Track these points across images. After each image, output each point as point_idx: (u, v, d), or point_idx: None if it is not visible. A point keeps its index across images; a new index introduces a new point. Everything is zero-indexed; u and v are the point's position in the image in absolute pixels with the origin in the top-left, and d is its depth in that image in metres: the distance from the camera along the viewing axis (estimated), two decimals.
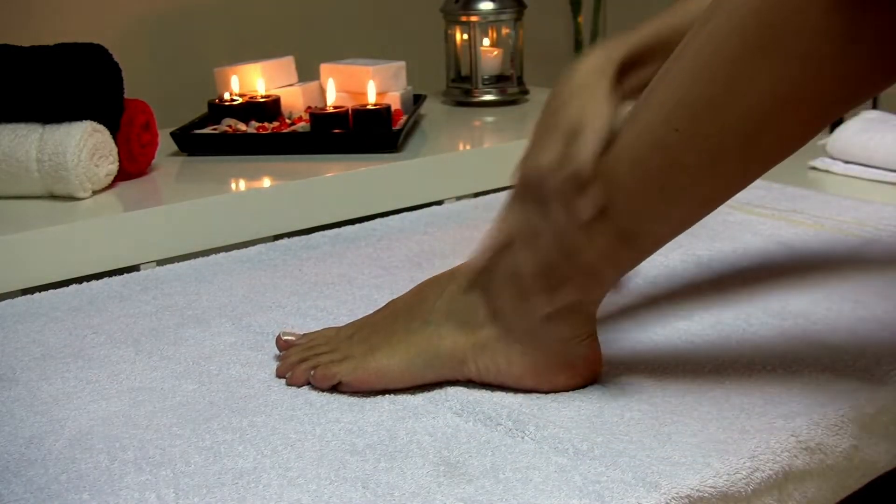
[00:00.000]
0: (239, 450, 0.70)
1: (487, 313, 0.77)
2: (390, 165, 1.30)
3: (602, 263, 0.73)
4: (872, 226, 1.12)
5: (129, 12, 1.61)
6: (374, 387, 0.77)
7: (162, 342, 0.89)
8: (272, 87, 1.49)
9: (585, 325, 0.77)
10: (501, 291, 0.77)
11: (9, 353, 0.88)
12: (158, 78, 1.61)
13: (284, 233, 1.22)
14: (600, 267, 0.74)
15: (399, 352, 0.77)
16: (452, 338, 0.77)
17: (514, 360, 0.76)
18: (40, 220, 1.10)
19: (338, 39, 1.83)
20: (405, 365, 0.77)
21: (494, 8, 1.67)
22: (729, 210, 1.20)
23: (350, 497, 0.64)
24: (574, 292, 0.75)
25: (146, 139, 1.27)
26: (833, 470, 0.72)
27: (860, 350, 0.82)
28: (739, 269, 1.02)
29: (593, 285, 0.75)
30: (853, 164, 1.35)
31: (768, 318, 0.90)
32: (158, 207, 1.15)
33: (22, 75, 1.19)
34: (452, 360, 0.77)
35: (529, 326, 0.76)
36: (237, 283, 1.04)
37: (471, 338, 0.77)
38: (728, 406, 0.74)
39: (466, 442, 0.70)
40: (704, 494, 0.64)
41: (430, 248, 1.13)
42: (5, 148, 1.17)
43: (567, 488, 0.64)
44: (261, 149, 1.36)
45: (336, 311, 0.95)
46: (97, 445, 0.71)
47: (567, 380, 0.77)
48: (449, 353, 0.77)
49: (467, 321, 0.77)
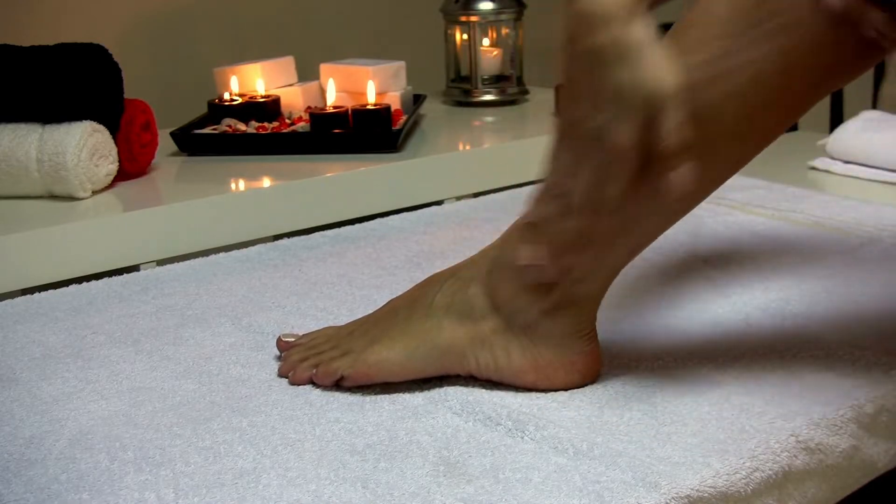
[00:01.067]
0: (239, 450, 0.70)
1: (487, 307, 0.77)
2: (390, 165, 1.30)
3: (627, 223, 0.73)
4: (872, 226, 1.12)
5: (129, 12, 1.61)
6: (374, 379, 0.77)
7: (162, 342, 0.89)
8: (272, 87, 1.49)
9: (586, 322, 0.77)
10: (502, 285, 0.77)
11: (9, 353, 0.88)
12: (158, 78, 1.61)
13: (284, 233, 1.22)
14: (623, 227, 0.73)
15: (399, 344, 0.77)
16: (452, 331, 0.77)
17: (514, 354, 0.76)
18: (40, 220, 1.10)
19: (338, 39, 1.83)
20: (405, 357, 0.77)
21: (494, 8, 1.67)
22: (729, 210, 1.20)
23: (350, 497, 0.64)
24: (582, 272, 0.74)
25: (146, 139, 1.27)
26: (833, 470, 0.72)
27: (860, 350, 0.82)
28: (739, 269, 1.02)
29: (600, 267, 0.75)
30: (853, 164, 1.35)
31: (768, 317, 0.90)
32: (158, 207, 1.15)
33: (22, 75, 1.19)
34: (452, 353, 0.77)
35: (529, 320, 0.76)
36: (237, 283, 1.04)
37: (470, 331, 0.77)
38: (728, 406, 0.74)
39: (466, 442, 0.70)
40: (704, 494, 0.64)
41: (430, 248, 1.13)
42: (5, 148, 1.17)
43: (567, 488, 0.64)
44: (261, 149, 1.36)
45: (336, 311, 0.95)
46: (97, 445, 0.71)
47: (566, 376, 0.77)
48: (448, 346, 0.77)
49: (467, 315, 0.77)
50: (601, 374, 0.79)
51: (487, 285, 0.77)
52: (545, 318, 0.76)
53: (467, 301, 0.78)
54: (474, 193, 1.37)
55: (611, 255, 0.75)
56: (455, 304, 0.78)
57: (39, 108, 1.18)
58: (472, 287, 0.78)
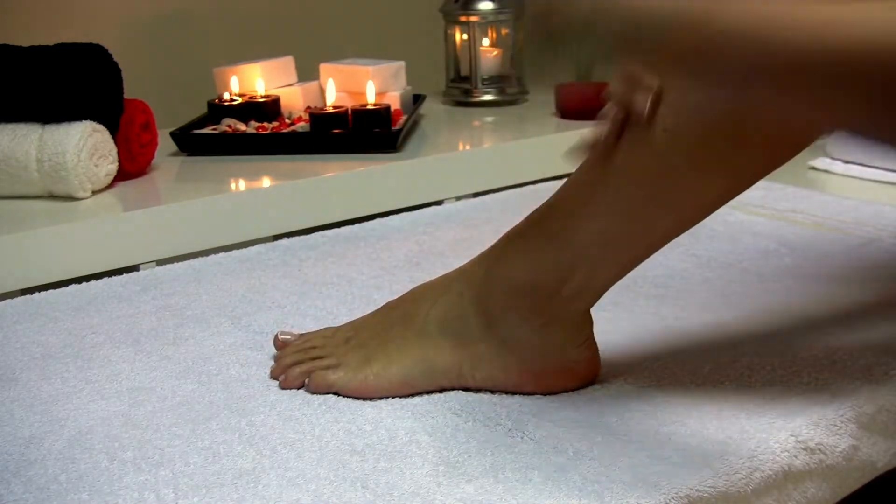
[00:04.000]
0: (238, 450, 0.70)
1: (482, 325, 0.76)
2: (390, 165, 1.30)
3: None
4: (872, 226, 1.12)
5: (129, 12, 1.61)
6: (370, 396, 0.77)
7: (161, 342, 0.89)
8: (272, 87, 1.49)
9: (581, 330, 0.77)
10: (494, 301, 0.76)
11: (9, 353, 0.88)
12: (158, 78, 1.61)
13: (284, 233, 1.22)
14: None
15: (395, 364, 0.77)
16: (449, 351, 0.77)
17: (512, 369, 0.76)
18: (40, 220, 1.10)
19: (338, 39, 1.83)
20: (401, 377, 0.77)
21: (494, 8, 1.67)
22: (729, 210, 1.20)
23: (349, 497, 0.64)
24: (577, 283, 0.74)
25: (146, 139, 1.27)
26: (833, 470, 0.72)
27: (860, 350, 0.82)
28: (739, 269, 1.02)
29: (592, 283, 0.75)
30: (853, 164, 1.35)
31: (768, 318, 0.89)
32: (158, 207, 1.15)
33: (22, 75, 1.18)
34: (449, 374, 0.77)
35: (525, 336, 0.76)
36: (237, 283, 1.04)
37: (466, 350, 0.77)
38: (728, 406, 0.74)
39: (466, 442, 0.70)
40: (704, 494, 0.64)
41: (430, 248, 1.13)
42: (5, 148, 1.17)
43: (566, 488, 0.64)
44: (260, 149, 1.36)
45: (336, 311, 0.95)
46: (97, 445, 0.71)
47: (566, 383, 0.77)
48: (445, 367, 0.77)
49: (462, 333, 0.77)
50: (601, 375, 0.79)
51: (480, 302, 0.77)
52: (539, 333, 0.75)
53: (461, 318, 0.77)
54: (474, 193, 1.37)
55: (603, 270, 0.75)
56: (449, 322, 0.77)
57: (39, 108, 1.18)
58: (466, 303, 0.77)
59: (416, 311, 0.79)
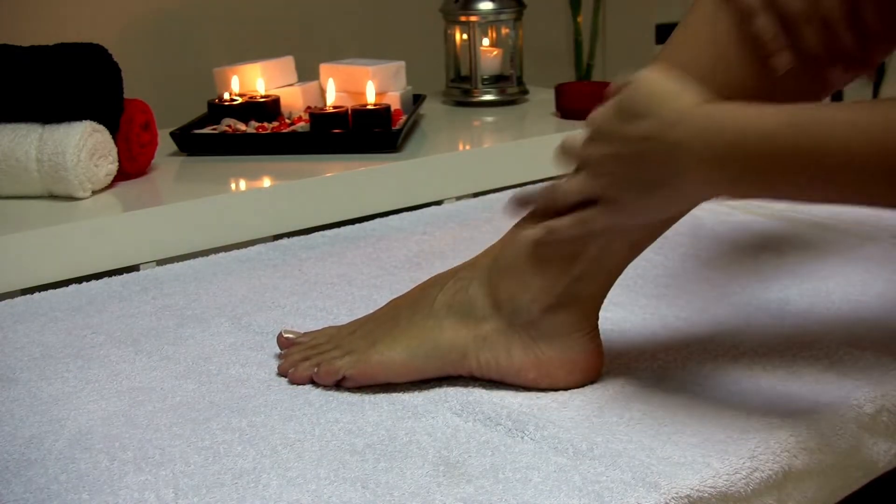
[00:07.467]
0: (238, 450, 0.70)
1: (489, 306, 0.77)
2: (390, 165, 1.30)
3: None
4: (872, 226, 1.12)
5: (129, 12, 1.61)
6: (377, 379, 0.77)
7: (162, 342, 0.89)
8: (272, 87, 1.49)
9: (587, 320, 0.77)
10: (503, 284, 0.77)
11: (9, 353, 0.88)
12: (158, 78, 1.61)
13: (284, 233, 1.22)
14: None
15: (401, 343, 0.77)
16: (454, 330, 0.77)
17: (515, 352, 0.76)
18: (40, 220, 1.10)
19: (338, 39, 1.83)
20: (407, 357, 0.77)
21: (494, 8, 1.67)
22: (729, 210, 1.20)
23: (350, 497, 0.64)
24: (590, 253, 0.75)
25: (146, 139, 1.27)
26: (833, 470, 0.72)
27: (860, 350, 0.82)
28: (739, 269, 1.02)
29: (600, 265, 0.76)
30: None
31: (768, 318, 0.89)
32: (158, 207, 1.15)
33: (22, 75, 1.18)
34: (454, 353, 0.77)
35: (531, 318, 0.76)
36: (237, 283, 1.04)
37: (472, 330, 0.77)
38: (728, 406, 0.74)
39: (466, 442, 0.70)
40: (704, 494, 0.64)
41: (430, 248, 1.13)
42: (5, 148, 1.17)
43: (567, 488, 0.64)
44: (260, 149, 1.36)
45: (336, 311, 0.95)
46: (97, 445, 0.71)
47: (567, 374, 0.77)
48: (450, 346, 0.77)
49: (469, 314, 0.77)
50: (602, 373, 0.79)
51: (488, 285, 0.77)
52: (546, 316, 0.76)
53: (468, 301, 0.78)
54: (474, 193, 1.37)
55: (611, 252, 0.75)
56: (456, 304, 0.78)
57: (39, 108, 1.18)
58: (474, 287, 0.78)
59: (424, 297, 0.80)
